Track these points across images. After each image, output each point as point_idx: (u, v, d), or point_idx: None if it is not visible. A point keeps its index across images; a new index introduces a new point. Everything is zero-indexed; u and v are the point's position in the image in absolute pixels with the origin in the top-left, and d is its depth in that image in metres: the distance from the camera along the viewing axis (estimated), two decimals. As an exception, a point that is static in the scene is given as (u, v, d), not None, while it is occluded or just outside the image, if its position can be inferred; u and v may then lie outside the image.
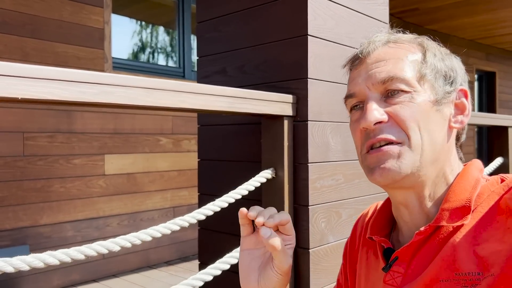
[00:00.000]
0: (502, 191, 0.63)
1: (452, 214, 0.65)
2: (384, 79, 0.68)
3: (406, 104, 0.67)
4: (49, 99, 0.89)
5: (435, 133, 0.68)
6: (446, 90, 0.70)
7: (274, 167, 1.43)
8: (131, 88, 1.01)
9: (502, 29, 6.29)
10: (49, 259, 0.96)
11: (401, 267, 0.67)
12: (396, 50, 0.71)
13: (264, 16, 1.53)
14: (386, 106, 0.68)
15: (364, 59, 0.71)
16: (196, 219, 1.24)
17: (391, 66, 0.68)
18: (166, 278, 3.32)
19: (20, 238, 2.89)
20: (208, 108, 1.19)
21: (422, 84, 0.68)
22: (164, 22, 4.09)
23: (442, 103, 0.69)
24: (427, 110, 0.67)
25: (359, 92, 0.71)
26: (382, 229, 0.76)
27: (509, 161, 2.58)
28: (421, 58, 0.70)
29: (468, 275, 0.60)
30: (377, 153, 0.67)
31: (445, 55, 0.73)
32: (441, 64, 0.71)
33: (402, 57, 0.69)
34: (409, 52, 0.70)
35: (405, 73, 0.68)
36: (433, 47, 0.72)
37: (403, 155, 0.66)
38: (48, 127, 3.02)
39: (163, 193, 3.68)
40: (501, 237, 0.59)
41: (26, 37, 2.92)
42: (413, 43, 0.73)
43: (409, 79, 0.68)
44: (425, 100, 0.68)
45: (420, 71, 0.69)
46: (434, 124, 0.68)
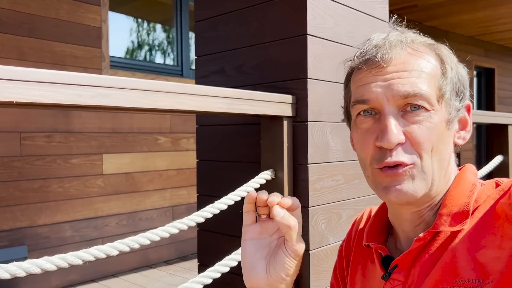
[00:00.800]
0: (497, 195, 0.63)
1: (451, 219, 0.64)
2: (407, 94, 0.63)
3: (424, 124, 0.63)
4: (44, 102, 0.87)
5: (444, 152, 0.66)
6: (457, 107, 0.67)
7: (274, 168, 1.41)
8: (128, 90, 0.99)
9: (501, 25, 6.27)
10: (46, 265, 0.95)
11: (401, 275, 0.66)
12: (417, 59, 0.65)
13: (262, 15, 1.52)
14: (403, 123, 0.64)
15: (382, 65, 0.65)
16: (195, 222, 1.22)
17: (414, 80, 0.63)
18: (165, 277, 3.31)
19: (18, 238, 2.87)
20: (206, 109, 1.18)
21: (440, 102, 0.65)
22: (162, 20, 4.07)
23: (452, 121, 0.67)
24: (441, 130, 0.65)
25: (375, 100, 0.65)
26: (379, 236, 0.75)
27: (509, 159, 2.58)
28: (440, 72, 0.66)
29: (469, 282, 0.59)
30: (393, 173, 0.64)
31: (458, 64, 0.69)
32: (456, 78, 0.68)
33: (424, 69, 0.65)
34: (430, 63, 0.66)
35: (428, 90, 0.64)
36: (450, 59, 0.68)
37: (417, 178, 0.64)
38: (46, 127, 3.00)
39: (161, 192, 3.67)
40: (499, 244, 0.59)
41: (23, 36, 2.90)
42: (430, 50, 0.68)
43: (431, 97, 0.64)
44: (440, 120, 0.65)
45: (441, 88, 0.65)
46: (444, 144, 0.66)
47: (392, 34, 0.68)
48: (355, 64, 0.69)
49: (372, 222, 0.76)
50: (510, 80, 8.04)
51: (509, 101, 7.99)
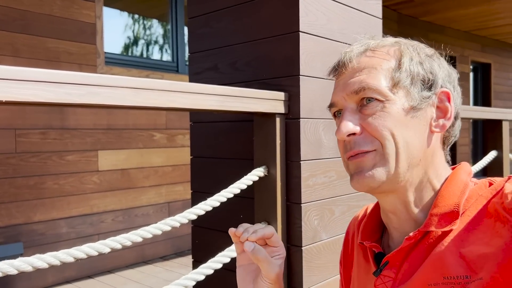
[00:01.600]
0: (490, 195, 0.64)
1: (440, 219, 0.65)
2: (356, 90, 0.69)
3: (378, 114, 0.68)
4: (34, 101, 0.87)
5: (413, 139, 0.68)
6: (423, 95, 0.69)
7: (267, 165, 1.42)
8: (119, 89, 0.99)
9: (497, 20, 6.28)
10: (38, 263, 0.95)
11: (392, 271, 0.68)
12: (372, 59, 0.71)
13: (255, 12, 1.52)
14: (361, 116, 0.69)
15: (342, 70, 0.73)
16: (188, 219, 1.23)
17: (364, 76, 0.69)
18: (161, 273, 3.32)
19: (14, 235, 2.87)
20: (198, 107, 1.18)
21: (396, 92, 0.68)
22: (157, 16, 4.05)
23: (419, 108, 0.69)
24: (401, 118, 0.68)
25: (338, 101, 0.73)
26: (373, 234, 0.77)
27: (503, 155, 2.59)
28: (395, 65, 0.70)
29: (457, 278, 0.60)
30: (355, 159, 0.69)
31: (425, 57, 0.71)
32: (418, 68, 0.70)
33: (376, 66, 0.70)
34: (383, 59, 0.70)
35: (377, 82, 0.68)
36: (410, 51, 0.71)
37: (378, 163, 0.68)
38: (40, 124, 2.99)
39: (157, 189, 3.67)
40: (488, 241, 0.60)
41: (16, 33, 2.89)
42: (391, 48, 0.72)
43: (381, 88, 0.68)
44: (398, 108, 0.68)
45: (394, 78, 0.69)
46: (410, 131, 0.68)
47: (361, 41, 0.75)
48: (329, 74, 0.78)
49: (366, 220, 0.79)
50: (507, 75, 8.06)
51: (506, 96, 8.01)
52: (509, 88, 8.12)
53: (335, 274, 1.53)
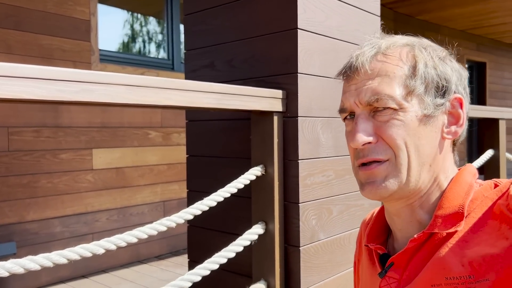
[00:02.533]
0: (495, 196, 0.63)
1: (445, 220, 0.65)
2: (369, 99, 0.68)
3: (392, 123, 0.67)
4: (25, 98, 0.84)
5: (425, 148, 0.67)
6: (437, 102, 0.68)
7: (264, 164, 1.40)
8: (113, 86, 0.97)
9: (492, 19, 6.29)
10: (30, 264, 0.93)
11: (397, 273, 0.68)
12: (384, 64, 0.69)
13: (252, 8, 1.49)
14: (374, 123, 0.68)
15: (353, 75, 0.71)
16: (184, 219, 1.21)
17: (377, 84, 0.68)
18: (156, 273, 3.29)
19: (7, 235, 2.83)
20: (195, 105, 1.16)
21: (410, 99, 0.67)
22: (153, 13, 4.01)
23: (432, 116, 0.68)
24: (414, 127, 0.67)
25: (350, 107, 0.71)
26: (379, 236, 0.78)
27: (499, 153, 2.59)
28: (409, 72, 0.68)
29: (460, 278, 0.60)
30: (367, 171, 0.69)
31: (438, 61, 0.70)
32: (432, 74, 0.68)
33: (389, 73, 0.68)
34: (397, 66, 0.68)
35: (391, 91, 0.67)
36: (424, 56, 0.69)
37: (390, 174, 0.67)
38: (34, 122, 2.95)
39: (152, 187, 3.64)
40: (493, 242, 0.59)
41: (9, 29, 2.84)
42: (403, 51, 0.70)
43: (395, 97, 0.66)
44: (412, 116, 0.67)
45: (408, 86, 0.67)
46: (423, 139, 0.67)
47: (368, 44, 0.73)
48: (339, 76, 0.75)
49: (372, 224, 0.79)
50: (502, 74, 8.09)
51: (500, 95, 8.04)
52: (504, 87, 8.16)
53: (333, 274, 1.51)
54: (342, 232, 1.56)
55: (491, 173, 2.58)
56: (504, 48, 8.09)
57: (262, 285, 1.38)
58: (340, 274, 1.54)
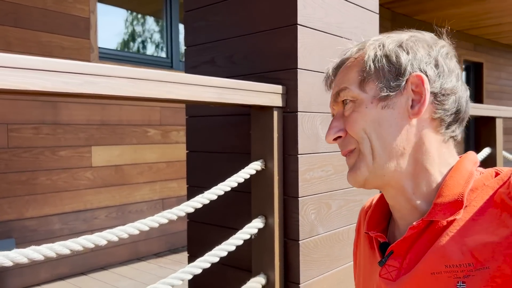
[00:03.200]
0: (496, 185, 0.63)
1: (444, 208, 0.65)
2: (334, 96, 0.75)
3: (352, 116, 0.72)
4: (30, 89, 0.85)
5: (388, 131, 0.69)
6: (391, 85, 0.70)
7: (264, 158, 1.41)
8: (116, 78, 0.98)
9: (488, 20, 6.33)
10: (33, 254, 0.94)
11: (397, 261, 0.68)
12: (343, 70, 0.76)
13: (253, 4, 1.51)
14: (344, 119, 0.74)
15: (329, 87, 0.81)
16: (185, 212, 1.22)
17: (338, 82, 0.75)
18: (155, 270, 3.30)
19: (6, 231, 2.84)
20: (195, 99, 1.17)
21: (364, 87, 0.71)
22: (152, 11, 4.02)
23: (389, 98, 0.70)
24: (372, 114, 0.70)
25: (332, 109, 0.79)
26: (379, 224, 0.78)
27: (496, 151, 2.61)
28: (361, 63, 0.73)
29: (460, 266, 0.60)
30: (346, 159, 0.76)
31: (393, 48, 0.71)
32: (381, 58, 0.71)
33: (347, 71, 0.74)
34: (352, 64, 0.74)
35: (347, 83, 0.73)
36: (374, 47, 0.72)
37: (357, 161, 0.72)
38: (33, 119, 2.96)
39: (151, 185, 3.65)
40: (493, 230, 0.59)
41: (8, 26, 2.85)
42: (360, 50, 0.75)
43: (351, 89, 0.72)
44: (367, 104, 0.70)
45: (362, 75, 0.71)
46: (384, 123, 0.69)
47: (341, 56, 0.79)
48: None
49: (372, 211, 0.80)
50: (498, 74, 8.13)
51: (497, 95, 8.08)
52: (500, 87, 8.20)
53: (332, 268, 1.53)
54: (341, 226, 1.57)
55: (488, 171, 2.60)
56: (501, 48, 8.13)
57: (262, 279, 1.39)
58: (339, 268, 1.55)
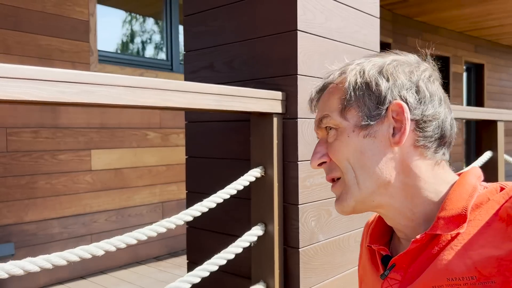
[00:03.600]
0: (502, 199, 0.63)
1: (448, 222, 0.64)
2: (318, 122, 0.75)
3: (334, 143, 0.72)
4: (26, 99, 0.84)
5: (372, 161, 0.69)
6: (372, 114, 0.69)
7: (263, 165, 1.40)
8: (113, 87, 0.97)
9: (489, 21, 6.32)
10: (29, 266, 0.93)
11: (398, 274, 0.68)
12: (325, 94, 0.75)
13: (252, 10, 1.49)
14: (327, 145, 0.73)
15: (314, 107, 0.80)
16: (183, 220, 1.21)
17: (321, 108, 0.75)
18: (155, 274, 3.29)
19: (5, 236, 2.83)
20: (194, 106, 1.16)
21: (346, 115, 0.71)
22: (152, 14, 4.01)
23: (371, 127, 0.69)
24: (355, 143, 0.69)
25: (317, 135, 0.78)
26: (382, 237, 0.78)
27: (497, 155, 2.59)
28: (340, 91, 0.72)
29: (462, 279, 0.60)
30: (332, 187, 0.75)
31: (373, 75, 0.70)
32: (363, 89, 0.70)
33: (329, 97, 0.74)
34: (334, 89, 0.73)
35: (328, 110, 0.72)
36: (354, 74, 0.71)
37: (343, 191, 0.71)
38: (32, 122, 2.95)
39: (151, 188, 3.64)
40: (498, 244, 0.59)
41: (8, 30, 2.84)
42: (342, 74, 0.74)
43: (332, 115, 0.71)
44: (349, 132, 0.70)
45: (342, 103, 0.71)
46: (367, 152, 0.69)
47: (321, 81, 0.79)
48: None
49: (375, 224, 0.80)
50: (499, 76, 8.11)
51: (498, 96, 8.06)
52: (502, 88, 8.18)
53: (332, 276, 1.51)
54: (341, 233, 1.56)
55: (490, 175, 2.59)
56: (502, 49, 8.12)
57: (262, 287, 1.38)
58: (339, 275, 1.54)
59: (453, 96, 6.64)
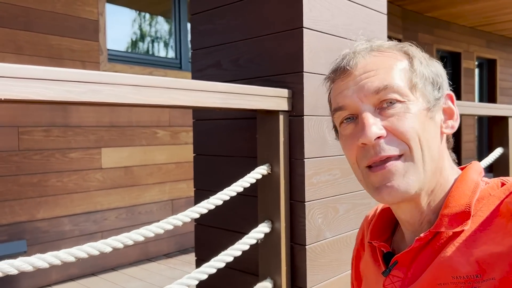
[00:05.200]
0: (502, 195, 0.63)
1: (451, 219, 0.64)
2: (377, 89, 0.65)
3: (402, 116, 0.65)
4: (33, 99, 0.86)
5: (432, 142, 0.67)
6: (435, 96, 0.69)
7: (270, 163, 1.40)
8: (120, 86, 0.98)
9: (503, 16, 6.22)
10: (38, 262, 0.95)
11: (401, 271, 0.67)
12: (383, 58, 0.69)
13: (258, 8, 1.50)
14: (382, 119, 0.65)
15: (350, 71, 0.68)
16: (190, 218, 1.22)
17: (382, 75, 0.66)
18: (165, 271, 3.32)
19: (17, 233, 2.88)
20: (200, 104, 1.16)
21: (414, 92, 0.67)
22: (160, 12, 4.03)
23: (433, 110, 0.69)
24: (422, 119, 0.66)
25: (350, 104, 0.67)
26: (383, 234, 0.77)
27: (509, 152, 2.56)
28: (409, 66, 0.69)
29: (467, 278, 0.59)
30: (382, 170, 0.64)
31: (429, 61, 0.72)
32: (427, 70, 0.70)
33: (392, 66, 0.68)
34: (396, 60, 0.69)
35: (398, 82, 0.66)
36: (418, 54, 0.71)
37: (409, 171, 0.64)
38: (43, 121, 2.99)
39: (161, 186, 3.67)
40: (500, 240, 0.59)
41: (18, 30, 2.88)
42: (397, 50, 0.71)
43: (402, 88, 0.66)
44: (419, 109, 0.67)
45: (411, 79, 0.67)
46: (430, 133, 0.67)
47: (359, 43, 0.73)
48: (329, 78, 0.73)
49: (376, 220, 0.79)
50: (512, 71, 7.99)
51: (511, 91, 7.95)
52: (514, 84, 8.06)
53: (340, 273, 1.51)
54: (349, 231, 1.56)
55: (500, 171, 2.56)
56: (515, 44, 7.99)
57: (269, 283, 1.39)
58: (346, 272, 1.54)
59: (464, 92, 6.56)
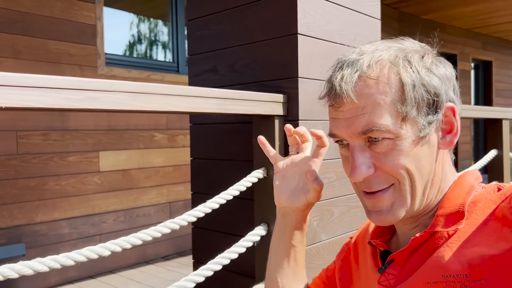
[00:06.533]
0: (498, 200, 0.64)
1: (446, 219, 0.66)
2: (364, 131, 0.65)
3: (389, 153, 0.65)
4: (33, 106, 0.88)
5: (425, 167, 0.67)
6: (430, 120, 0.66)
7: (266, 166, 1.42)
8: (117, 93, 1.00)
9: (498, 18, 6.26)
10: (38, 266, 0.97)
11: (396, 269, 0.69)
12: (371, 91, 0.65)
13: (254, 14, 1.52)
14: (371, 154, 0.67)
15: (338, 104, 0.68)
16: (188, 221, 1.24)
17: (369, 115, 0.64)
18: (163, 273, 3.33)
19: (16, 236, 2.89)
20: (197, 110, 1.19)
21: (404, 125, 0.65)
22: (158, 16, 4.05)
23: (428, 133, 0.67)
24: (412, 151, 0.66)
25: (342, 136, 0.70)
26: (383, 235, 0.79)
27: (503, 153, 2.59)
28: (398, 96, 0.64)
29: (457, 277, 0.60)
30: (372, 199, 0.69)
31: (426, 73, 0.66)
32: (422, 92, 0.65)
33: (379, 101, 0.64)
34: (385, 92, 0.64)
35: (385, 122, 0.64)
36: (410, 73, 0.65)
37: (396, 201, 0.68)
38: (42, 125, 3.00)
39: (158, 189, 3.68)
40: (493, 244, 0.60)
41: (17, 35, 2.90)
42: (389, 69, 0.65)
43: (389, 127, 0.64)
44: (408, 142, 0.65)
45: (400, 112, 0.64)
46: (422, 160, 0.67)
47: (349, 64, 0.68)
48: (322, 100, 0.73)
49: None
50: (508, 73, 8.04)
51: (507, 93, 7.99)
52: (510, 85, 8.11)
53: (335, 275, 1.53)
54: (344, 233, 1.58)
55: (495, 173, 2.59)
56: (510, 46, 8.04)
57: (265, 286, 1.40)
58: (342, 274, 1.56)
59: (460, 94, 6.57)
